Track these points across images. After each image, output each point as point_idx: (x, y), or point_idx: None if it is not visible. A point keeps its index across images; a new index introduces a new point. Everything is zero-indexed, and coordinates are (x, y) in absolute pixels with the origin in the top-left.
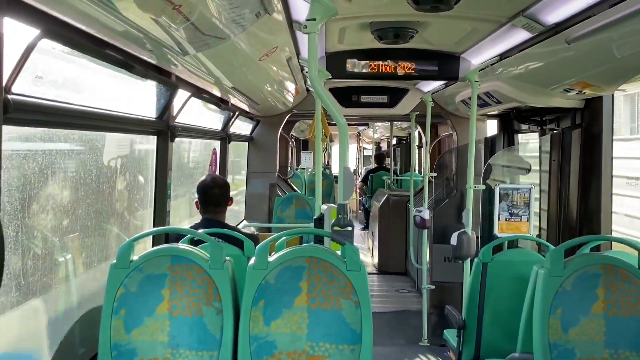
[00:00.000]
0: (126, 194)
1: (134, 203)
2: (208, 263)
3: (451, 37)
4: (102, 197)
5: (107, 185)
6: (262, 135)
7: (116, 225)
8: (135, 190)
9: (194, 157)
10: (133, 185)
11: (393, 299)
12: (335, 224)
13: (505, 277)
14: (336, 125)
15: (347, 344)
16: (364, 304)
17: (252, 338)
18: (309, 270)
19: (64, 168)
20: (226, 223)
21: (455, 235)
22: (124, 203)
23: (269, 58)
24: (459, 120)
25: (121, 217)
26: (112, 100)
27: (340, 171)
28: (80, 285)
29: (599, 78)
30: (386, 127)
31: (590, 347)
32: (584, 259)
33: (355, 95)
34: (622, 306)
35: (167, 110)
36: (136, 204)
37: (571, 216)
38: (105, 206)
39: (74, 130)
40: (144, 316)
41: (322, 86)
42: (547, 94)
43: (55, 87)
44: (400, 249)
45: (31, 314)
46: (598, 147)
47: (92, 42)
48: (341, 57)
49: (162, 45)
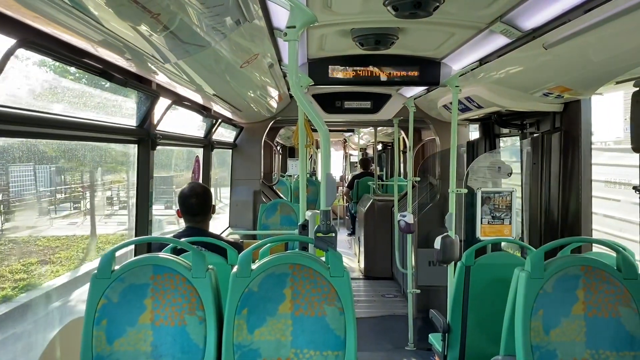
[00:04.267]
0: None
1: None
2: (190, 272)
3: (431, 43)
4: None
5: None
6: (246, 142)
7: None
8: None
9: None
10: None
11: (379, 304)
12: (318, 231)
13: (488, 280)
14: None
15: (331, 350)
16: (347, 309)
17: (236, 346)
18: (292, 277)
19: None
20: (209, 231)
21: (438, 239)
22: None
23: (251, 65)
24: (441, 125)
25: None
26: (92, 109)
27: (323, 177)
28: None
29: (576, 82)
30: (371, 133)
31: (571, 348)
32: (564, 260)
33: (338, 101)
34: (601, 307)
35: (148, 118)
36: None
37: (552, 218)
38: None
39: (54, 140)
40: (126, 326)
41: (303, 93)
42: (527, 98)
43: (33, 97)
44: (386, 253)
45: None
46: (577, 150)
47: (70, 52)
48: (323, 64)
49: (141, 53)
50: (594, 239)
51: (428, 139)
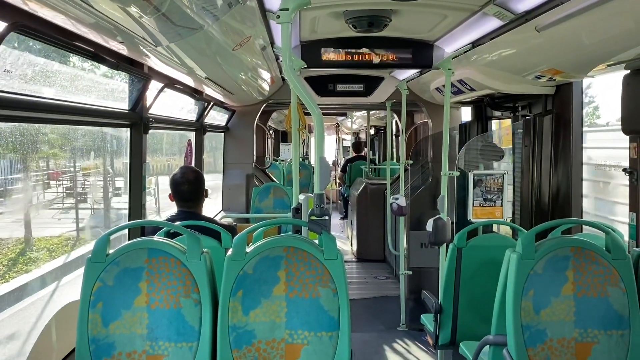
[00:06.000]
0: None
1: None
2: (185, 255)
3: (424, 25)
4: None
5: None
6: (238, 126)
7: None
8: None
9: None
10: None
11: (371, 286)
12: (312, 214)
13: (480, 262)
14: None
15: (325, 330)
16: (341, 291)
17: (231, 328)
18: (286, 259)
19: None
20: (203, 215)
21: (430, 221)
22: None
23: (243, 48)
24: (434, 107)
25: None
26: (84, 93)
27: (317, 161)
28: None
29: (568, 65)
30: (364, 117)
31: (560, 327)
32: (555, 242)
33: (331, 84)
34: (590, 287)
35: (140, 102)
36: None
37: (543, 200)
38: None
39: (46, 124)
40: (122, 309)
41: (296, 76)
42: (519, 81)
43: (25, 81)
44: (379, 236)
45: None
46: (568, 132)
47: (61, 35)
48: (316, 46)
49: (133, 36)
50: (584, 220)
51: (421, 122)
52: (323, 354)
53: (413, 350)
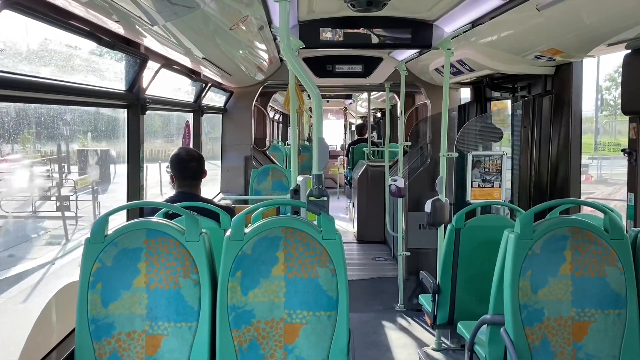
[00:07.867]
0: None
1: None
2: (184, 236)
3: (424, 4)
4: None
5: None
6: (236, 107)
7: None
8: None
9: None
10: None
11: (370, 267)
12: (310, 194)
13: (478, 242)
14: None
15: (323, 310)
16: (339, 271)
17: (230, 308)
18: (285, 240)
19: None
20: (202, 196)
21: (429, 202)
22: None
23: (240, 27)
24: (433, 88)
25: None
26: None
27: (315, 142)
28: None
29: (568, 44)
30: (371, 101)
31: (558, 307)
32: (553, 222)
33: (329, 64)
34: (588, 267)
35: (137, 83)
36: None
37: (542, 181)
38: None
39: (41, 104)
40: (121, 290)
41: (294, 56)
42: (519, 61)
43: (19, 60)
44: (379, 218)
45: None
46: (568, 113)
47: (56, 13)
48: (314, 26)
49: (129, 15)
50: (582, 200)
51: (420, 103)
52: (322, 333)
53: (411, 330)
